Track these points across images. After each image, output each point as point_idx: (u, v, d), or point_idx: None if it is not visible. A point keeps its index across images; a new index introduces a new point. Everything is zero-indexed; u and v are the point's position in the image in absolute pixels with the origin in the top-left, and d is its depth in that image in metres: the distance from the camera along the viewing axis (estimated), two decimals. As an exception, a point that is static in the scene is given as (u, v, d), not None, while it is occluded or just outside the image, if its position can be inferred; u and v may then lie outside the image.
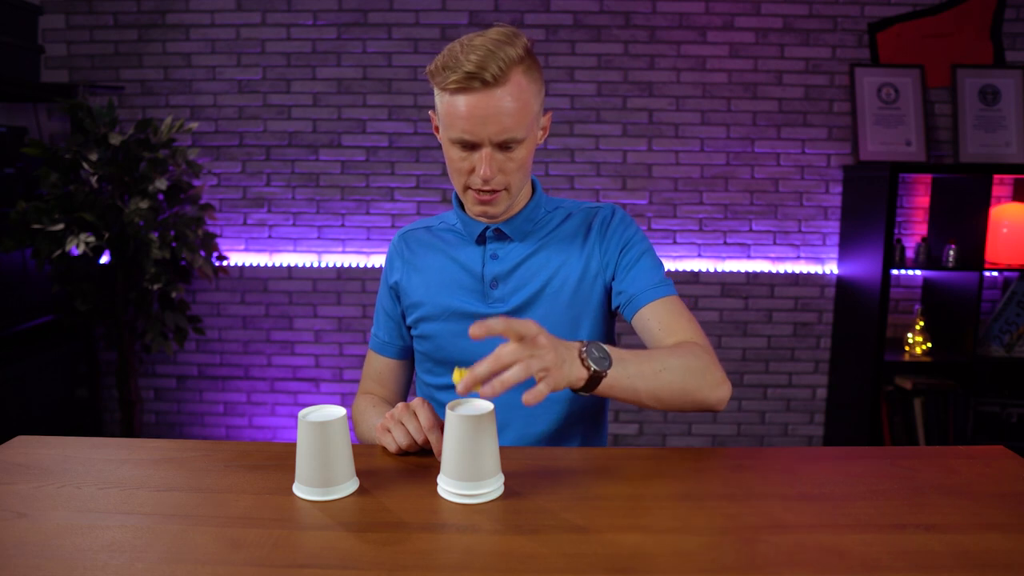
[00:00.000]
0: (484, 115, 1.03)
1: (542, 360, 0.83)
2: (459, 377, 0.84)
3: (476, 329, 0.82)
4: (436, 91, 1.08)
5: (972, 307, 2.49)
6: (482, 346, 1.16)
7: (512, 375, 0.81)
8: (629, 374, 0.94)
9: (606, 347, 0.93)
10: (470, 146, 1.07)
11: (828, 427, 2.86)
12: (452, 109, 1.05)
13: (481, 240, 1.20)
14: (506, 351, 0.83)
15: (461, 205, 1.23)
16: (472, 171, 1.09)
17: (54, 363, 2.55)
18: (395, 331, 1.27)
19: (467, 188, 1.12)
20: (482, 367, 0.82)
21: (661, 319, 1.11)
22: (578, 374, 0.89)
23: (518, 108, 1.04)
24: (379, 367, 1.29)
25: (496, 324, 0.83)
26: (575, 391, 0.92)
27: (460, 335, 1.18)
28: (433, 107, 1.13)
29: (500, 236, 1.20)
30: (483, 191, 1.10)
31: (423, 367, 1.26)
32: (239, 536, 0.77)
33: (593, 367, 0.89)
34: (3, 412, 2.29)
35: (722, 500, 0.87)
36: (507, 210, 1.18)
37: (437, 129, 1.14)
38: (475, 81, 1.01)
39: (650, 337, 1.12)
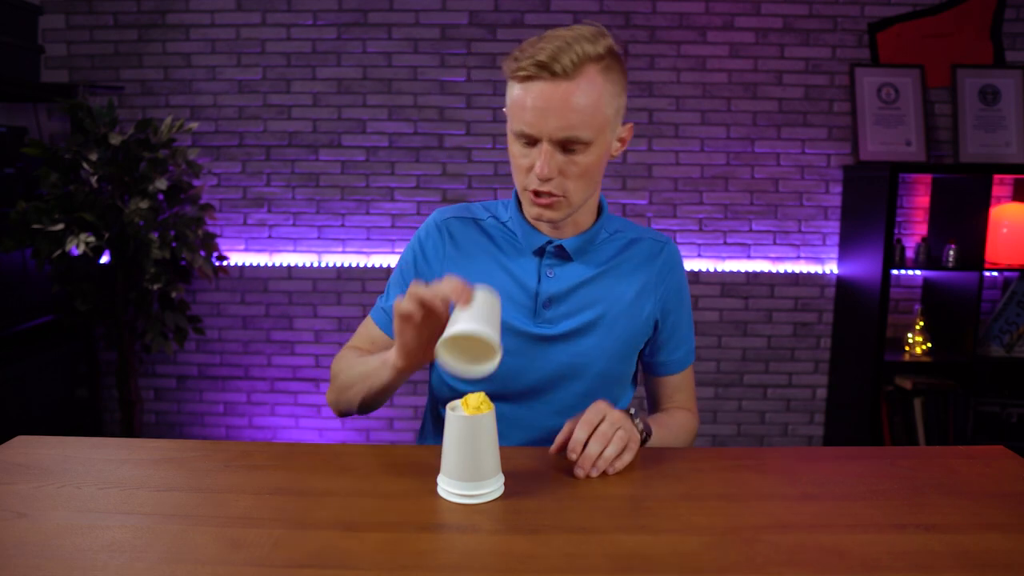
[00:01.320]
0: (547, 107, 0.97)
1: (628, 433, 0.97)
2: (468, 406, 0.90)
3: (570, 453, 0.95)
4: (507, 82, 1.03)
5: (972, 307, 2.49)
6: (521, 356, 1.12)
7: (619, 461, 0.95)
8: (656, 442, 1.09)
9: (640, 413, 1.06)
10: (531, 141, 1.01)
11: (828, 427, 2.86)
12: (518, 99, 1.00)
13: (538, 253, 1.13)
14: (612, 449, 0.94)
15: (520, 204, 1.15)
16: (530, 169, 1.02)
17: (54, 363, 2.55)
18: None
19: (525, 189, 1.05)
20: (578, 441, 0.95)
21: (677, 387, 1.24)
22: (639, 439, 1.01)
23: (587, 105, 0.98)
24: (376, 337, 1.18)
25: (581, 436, 0.95)
26: None
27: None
28: (506, 105, 1.07)
29: (560, 253, 1.13)
30: (540, 193, 1.03)
31: (447, 374, 1.18)
32: (239, 536, 0.77)
33: (645, 434, 1.03)
34: (3, 412, 2.29)
35: (722, 500, 0.87)
36: (570, 224, 1.12)
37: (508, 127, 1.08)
38: (544, 71, 0.96)
39: (658, 396, 1.26)
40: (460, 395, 1.16)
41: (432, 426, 1.26)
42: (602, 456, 0.94)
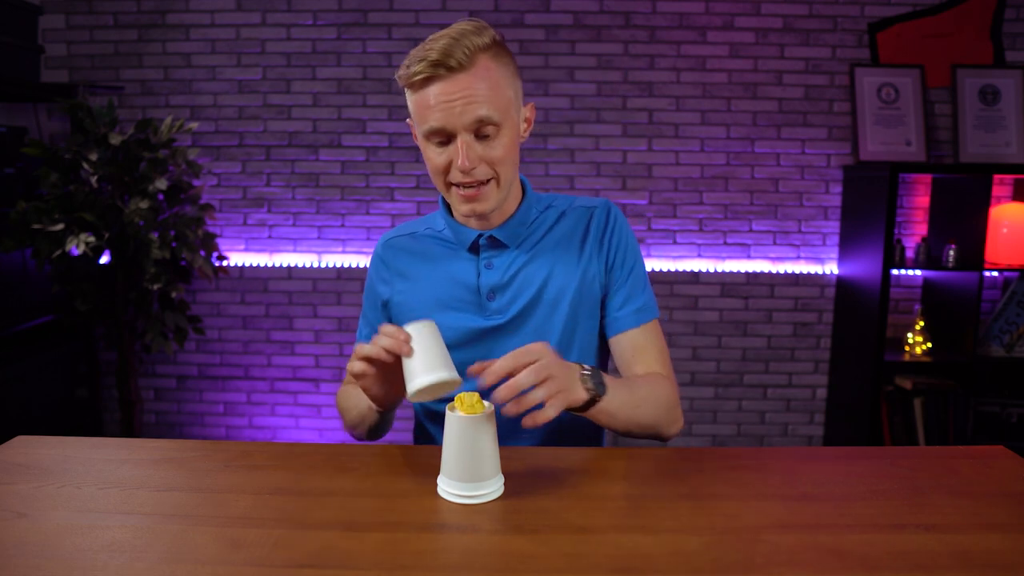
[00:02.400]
0: (452, 100, 0.99)
1: (558, 384, 0.88)
2: (463, 404, 0.88)
3: (483, 376, 0.87)
4: (407, 93, 1.05)
5: (972, 307, 2.49)
6: (477, 351, 1.12)
7: (535, 397, 0.86)
8: (616, 403, 0.99)
9: (600, 372, 0.98)
10: (445, 138, 1.03)
11: (828, 427, 2.86)
12: (422, 101, 1.01)
13: (473, 248, 1.15)
14: (524, 375, 0.86)
15: (448, 210, 1.18)
16: (450, 165, 1.04)
17: (54, 363, 2.55)
18: None
19: (450, 185, 1.06)
20: (499, 368, 0.86)
21: (636, 346, 1.15)
22: (580, 396, 0.93)
23: (488, 89, 1.00)
24: None
25: (504, 364, 0.86)
26: (568, 410, 0.96)
27: (458, 348, 1.11)
28: (410, 115, 1.08)
29: (494, 243, 1.14)
30: (467, 185, 1.04)
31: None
32: (239, 536, 0.77)
33: (593, 392, 0.95)
34: (3, 412, 2.29)
35: (722, 500, 0.87)
36: (497, 213, 1.13)
37: (416, 137, 1.09)
38: (440, 68, 0.98)
39: (621, 361, 1.17)
40: (435, 403, 1.17)
41: (424, 427, 1.26)
42: (531, 393, 0.86)
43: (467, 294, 1.14)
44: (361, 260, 2.80)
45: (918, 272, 2.80)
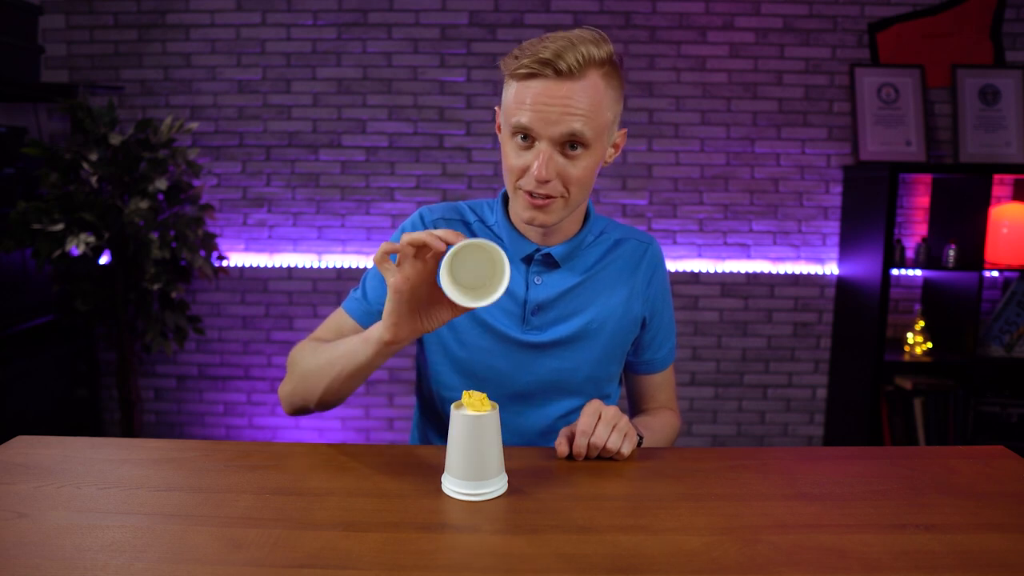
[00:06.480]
0: (549, 106, 0.96)
1: (623, 427, 0.99)
2: (470, 402, 0.90)
3: (576, 457, 0.99)
4: (505, 81, 1.01)
5: (972, 307, 2.49)
6: (509, 362, 1.12)
7: (613, 445, 0.98)
8: (645, 443, 1.09)
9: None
10: (529, 141, 0.99)
11: (828, 427, 2.86)
12: (518, 96, 0.98)
13: (526, 260, 1.12)
14: (602, 432, 0.97)
15: (507, 210, 1.13)
16: (526, 170, 1.00)
17: (54, 363, 2.55)
18: None
19: (518, 189, 1.03)
20: (583, 442, 0.98)
21: (658, 384, 1.26)
22: (636, 436, 1.03)
23: (588, 106, 0.97)
24: (345, 329, 1.13)
25: (583, 433, 0.97)
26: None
27: (490, 352, 1.11)
28: (499, 103, 1.05)
29: (547, 260, 1.12)
30: (536, 194, 1.01)
31: (438, 374, 1.16)
32: (239, 536, 0.77)
33: (640, 438, 1.04)
34: (3, 412, 2.29)
35: (722, 500, 0.87)
36: (558, 231, 1.10)
37: (499, 128, 1.06)
38: (548, 68, 0.95)
39: (640, 394, 1.27)
40: (453, 401, 1.16)
41: (422, 432, 1.25)
42: (609, 440, 0.97)
43: (511, 304, 1.12)
44: (361, 260, 2.80)
45: (918, 272, 2.80)
